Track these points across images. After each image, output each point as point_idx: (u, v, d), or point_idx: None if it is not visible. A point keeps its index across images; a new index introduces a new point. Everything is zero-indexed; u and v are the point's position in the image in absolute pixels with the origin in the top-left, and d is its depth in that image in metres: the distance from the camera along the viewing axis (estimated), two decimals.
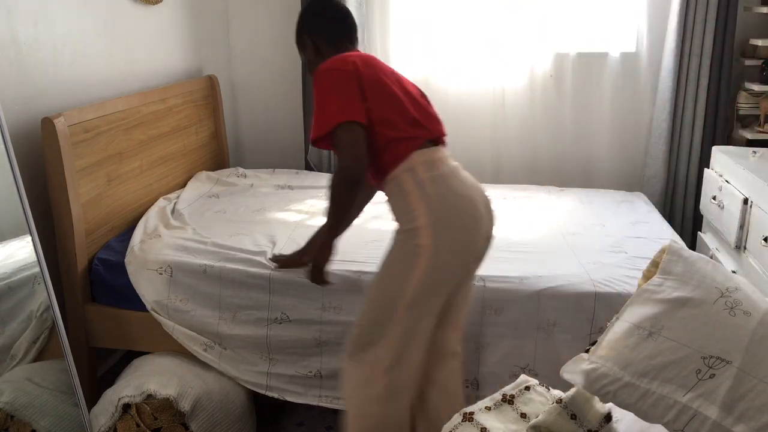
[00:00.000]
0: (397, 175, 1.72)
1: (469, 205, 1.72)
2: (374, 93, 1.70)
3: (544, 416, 1.30)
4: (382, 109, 1.70)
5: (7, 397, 1.88)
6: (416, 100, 1.80)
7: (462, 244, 1.71)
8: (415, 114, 1.74)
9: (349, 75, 1.68)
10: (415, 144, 1.71)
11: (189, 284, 2.17)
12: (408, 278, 1.68)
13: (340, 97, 1.67)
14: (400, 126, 1.72)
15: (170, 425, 1.93)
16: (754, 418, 1.01)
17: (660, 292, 1.22)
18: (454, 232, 1.69)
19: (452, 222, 1.69)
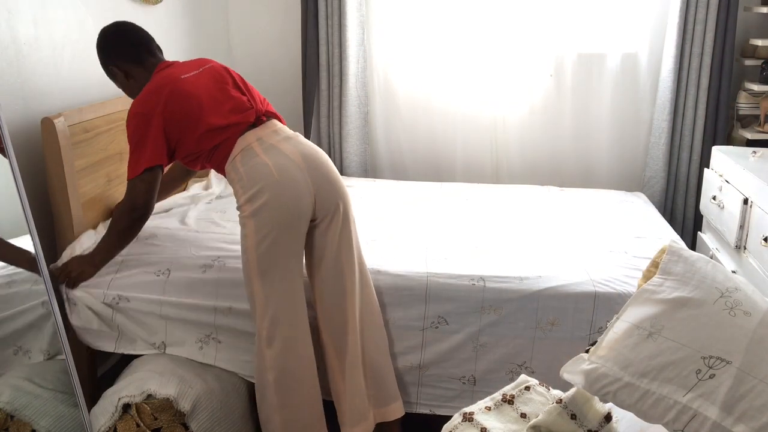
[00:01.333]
0: (228, 165, 1.95)
1: (282, 170, 1.87)
2: (179, 124, 1.92)
3: (544, 416, 1.30)
4: (188, 134, 1.93)
5: (7, 397, 1.88)
6: (227, 94, 1.98)
7: (280, 207, 1.85)
8: (218, 120, 1.92)
9: (151, 118, 1.90)
10: (233, 138, 1.93)
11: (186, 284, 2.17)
12: (247, 249, 1.88)
13: (144, 142, 1.92)
14: (210, 136, 1.93)
15: (170, 425, 1.93)
16: (754, 418, 1.01)
17: (660, 292, 1.22)
18: (270, 198, 1.85)
19: (266, 189, 1.85)
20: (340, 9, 3.25)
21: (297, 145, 1.96)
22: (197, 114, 1.92)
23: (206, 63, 2.08)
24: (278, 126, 2.02)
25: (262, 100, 2.08)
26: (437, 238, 2.42)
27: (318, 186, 1.90)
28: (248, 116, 1.97)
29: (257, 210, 1.85)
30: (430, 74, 3.41)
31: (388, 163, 3.55)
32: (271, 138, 1.95)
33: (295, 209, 1.86)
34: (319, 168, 1.93)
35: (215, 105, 1.94)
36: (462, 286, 2.07)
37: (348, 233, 1.98)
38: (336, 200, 1.93)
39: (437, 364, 2.09)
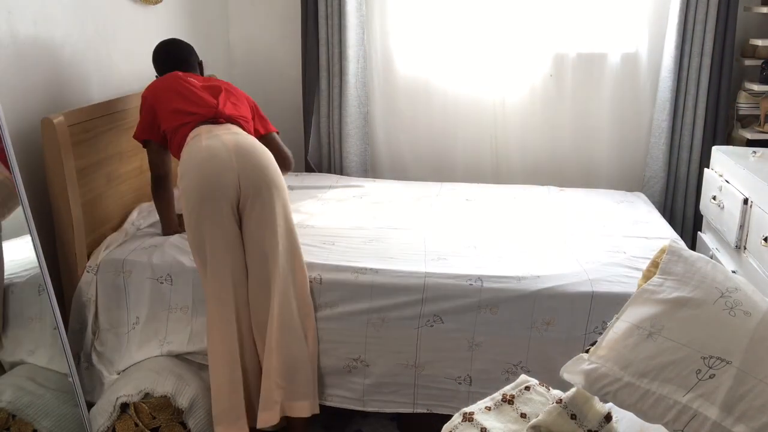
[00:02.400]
0: (183, 150, 2.17)
1: (209, 150, 2.06)
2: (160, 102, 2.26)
3: (544, 416, 1.30)
4: (164, 111, 2.24)
5: (10, 396, 1.88)
6: (199, 93, 2.24)
7: (201, 179, 2.02)
8: (183, 105, 2.21)
9: (144, 100, 2.30)
10: (191, 124, 2.18)
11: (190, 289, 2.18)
12: (186, 226, 2.09)
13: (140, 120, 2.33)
14: (175, 117, 2.22)
15: (168, 424, 1.94)
16: (754, 418, 1.01)
17: (660, 292, 1.22)
18: (194, 173, 2.04)
19: (192, 167, 2.05)
20: (340, 9, 3.25)
21: (237, 136, 2.14)
22: (172, 97, 2.23)
23: (214, 82, 2.38)
24: (233, 128, 2.20)
25: (241, 114, 2.29)
26: (436, 237, 2.42)
27: (242, 167, 2.04)
28: (208, 111, 2.20)
29: (185, 188, 2.04)
30: (430, 74, 3.41)
31: (388, 163, 3.55)
32: (219, 130, 2.14)
33: (215, 182, 2.00)
34: (248, 153, 2.08)
35: (186, 96, 2.22)
36: (459, 286, 2.06)
37: (271, 219, 2.05)
38: (259, 183, 2.05)
39: (433, 363, 2.09)
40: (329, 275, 2.12)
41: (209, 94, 2.27)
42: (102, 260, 2.19)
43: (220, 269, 2.01)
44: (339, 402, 2.15)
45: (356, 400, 2.14)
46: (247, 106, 2.36)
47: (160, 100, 2.24)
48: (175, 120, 2.21)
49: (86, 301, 2.17)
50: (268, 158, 2.13)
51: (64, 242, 2.13)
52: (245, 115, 2.30)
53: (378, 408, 2.14)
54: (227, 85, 2.38)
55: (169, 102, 2.22)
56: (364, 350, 2.11)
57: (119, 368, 2.13)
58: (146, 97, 2.28)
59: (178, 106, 2.21)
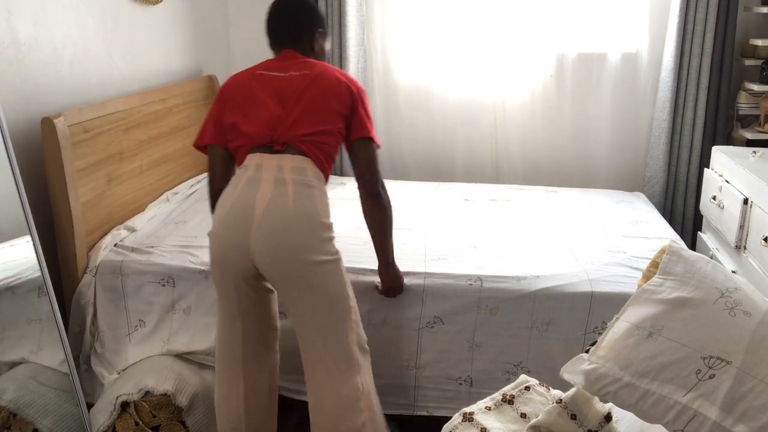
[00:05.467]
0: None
1: (218, 210, 1.80)
2: (224, 111, 1.90)
3: (544, 416, 1.30)
4: (227, 132, 1.89)
5: (11, 395, 1.88)
6: (258, 102, 1.84)
7: (211, 243, 1.80)
8: (241, 123, 1.84)
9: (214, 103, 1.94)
10: (247, 147, 1.83)
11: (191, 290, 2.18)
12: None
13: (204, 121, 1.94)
14: (232, 140, 1.87)
15: (168, 423, 1.94)
16: (754, 418, 1.01)
17: (660, 293, 1.22)
18: (211, 229, 1.81)
19: (214, 219, 1.81)
20: (340, 9, 3.25)
21: (278, 191, 1.73)
22: (237, 103, 1.86)
23: (304, 69, 1.86)
24: (288, 163, 1.77)
25: (312, 130, 1.81)
26: (436, 238, 2.42)
27: (260, 250, 1.71)
28: (263, 133, 1.80)
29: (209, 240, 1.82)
30: (430, 74, 3.41)
31: (388, 163, 3.55)
32: (266, 171, 1.76)
33: (220, 260, 1.78)
34: (272, 234, 1.71)
35: (249, 106, 1.84)
36: (459, 286, 2.06)
37: (303, 313, 1.79)
38: (283, 276, 1.75)
39: (433, 364, 2.09)
40: None
41: (277, 102, 1.82)
42: (101, 262, 2.19)
43: (224, 331, 1.86)
44: None
45: None
46: (334, 110, 1.83)
47: (226, 101, 1.89)
48: (232, 137, 1.86)
49: (85, 303, 2.17)
50: (300, 240, 1.72)
51: (64, 243, 2.13)
52: (319, 130, 1.81)
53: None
54: (318, 78, 1.83)
55: (231, 109, 1.86)
56: None
57: (119, 369, 2.13)
58: (217, 94, 1.94)
59: (236, 120, 1.84)
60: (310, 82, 1.83)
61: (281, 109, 1.81)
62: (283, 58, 1.91)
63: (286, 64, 1.88)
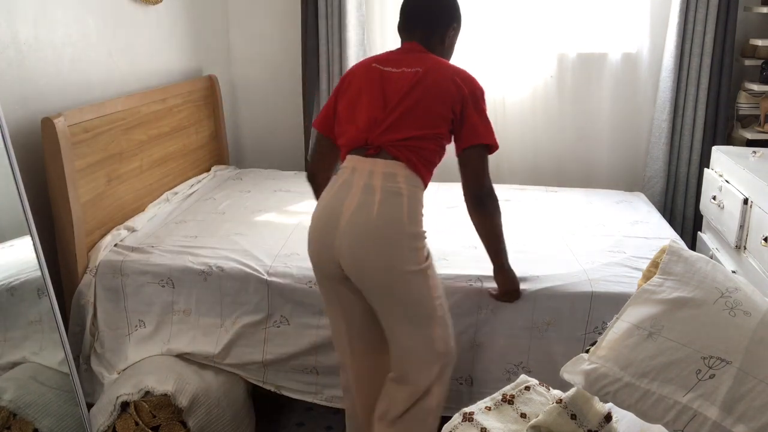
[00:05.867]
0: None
1: (314, 210, 1.82)
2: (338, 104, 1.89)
3: (544, 416, 1.30)
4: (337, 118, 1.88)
5: (11, 395, 1.88)
6: (361, 100, 1.80)
7: (309, 248, 1.82)
8: (344, 120, 1.81)
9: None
10: (342, 153, 1.82)
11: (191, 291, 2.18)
12: None
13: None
14: (339, 130, 1.84)
15: (168, 423, 1.93)
16: (754, 418, 1.01)
17: (660, 293, 1.22)
18: (308, 231, 1.82)
19: (312, 218, 1.82)
20: (340, 9, 3.25)
21: (367, 198, 1.69)
22: (348, 97, 1.82)
23: (417, 65, 1.78)
24: (380, 168, 1.72)
25: (409, 134, 1.74)
26: (436, 238, 2.41)
27: (342, 255, 1.71)
28: (358, 135, 1.76)
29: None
30: None
31: None
32: (359, 176, 1.72)
33: (315, 259, 1.82)
34: (355, 243, 1.69)
35: (355, 102, 1.80)
36: (459, 287, 2.06)
37: (384, 316, 1.79)
38: (364, 282, 1.74)
39: None
40: None
41: (380, 102, 1.75)
42: (101, 262, 2.19)
43: (332, 322, 1.93)
44: (339, 403, 2.14)
45: None
46: (437, 113, 1.75)
47: (341, 90, 1.86)
48: (338, 132, 1.84)
49: (85, 303, 2.17)
50: (382, 250, 1.68)
51: (64, 243, 2.13)
52: (419, 134, 1.73)
53: None
54: (427, 77, 1.75)
55: (343, 101, 1.84)
56: None
57: (119, 369, 2.13)
58: (340, 80, 1.90)
59: (340, 115, 1.83)
60: (418, 81, 1.74)
61: (381, 111, 1.75)
62: (404, 50, 1.85)
63: (403, 57, 1.81)
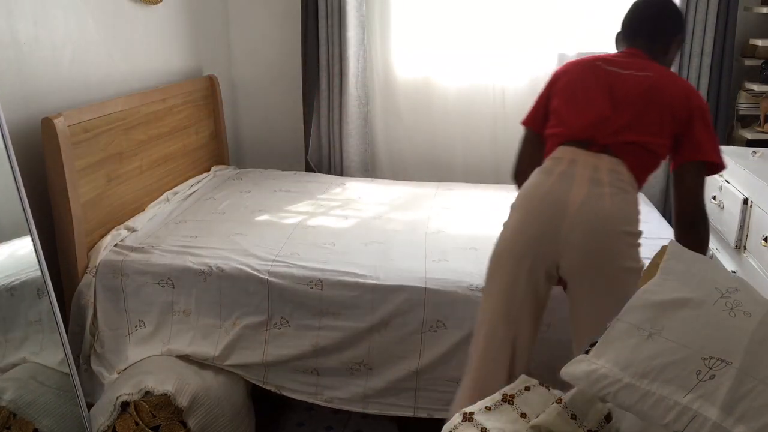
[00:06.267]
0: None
1: (525, 200, 1.76)
2: (553, 97, 1.89)
3: (544, 416, 1.30)
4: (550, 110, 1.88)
5: (11, 395, 1.88)
6: (599, 103, 1.76)
7: (506, 228, 1.80)
8: (565, 112, 1.80)
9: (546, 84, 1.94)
10: (557, 139, 1.80)
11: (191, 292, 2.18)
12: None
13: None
14: (551, 121, 1.85)
15: (168, 423, 1.93)
16: (754, 418, 1.01)
17: (660, 293, 1.22)
18: (507, 219, 1.81)
19: (512, 210, 1.81)
20: (340, 9, 3.25)
21: (595, 191, 1.67)
22: (569, 90, 1.81)
23: (646, 70, 1.77)
24: (606, 164, 1.70)
25: (635, 139, 1.71)
26: (436, 238, 2.42)
27: (572, 244, 1.67)
28: (583, 129, 1.74)
29: (505, 221, 1.82)
30: (430, 74, 3.41)
31: (388, 163, 3.55)
32: (582, 167, 1.70)
33: (522, 247, 1.74)
34: (591, 230, 1.65)
35: (578, 96, 1.79)
36: (460, 289, 2.06)
37: (601, 311, 1.65)
38: (590, 272, 1.69)
39: (435, 367, 2.09)
40: (330, 281, 2.12)
41: (609, 101, 1.74)
42: (101, 262, 2.19)
43: (488, 303, 1.82)
44: (339, 404, 2.14)
45: (357, 402, 2.14)
46: (666, 122, 1.72)
47: (557, 87, 1.85)
48: (550, 125, 1.83)
49: (85, 303, 2.17)
50: (612, 243, 1.66)
51: (64, 243, 2.13)
52: (644, 140, 1.71)
53: (379, 410, 2.14)
54: (657, 84, 1.73)
55: (560, 94, 1.82)
56: (367, 355, 2.10)
57: (119, 369, 2.13)
58: (551, 76, 1.90)
59: (560, 107, 1.81)
60: (649, 86, 1.72)
61: (611, 110, 1.73)
62: (628, 55, 1.83)
63: (629, 61, 1.80)
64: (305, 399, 2.16)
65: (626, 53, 1.85)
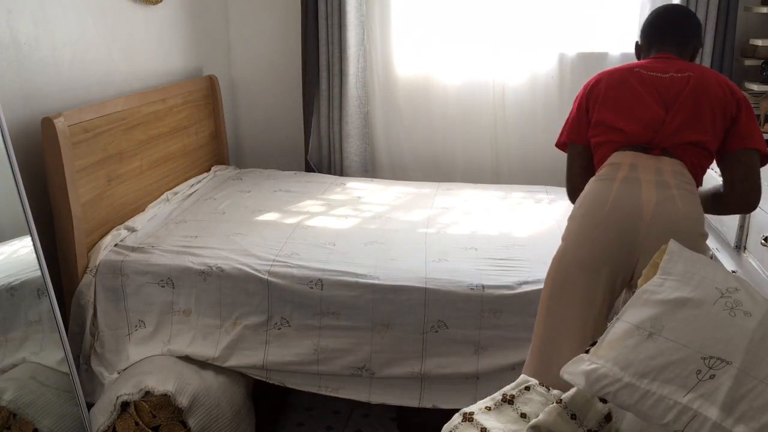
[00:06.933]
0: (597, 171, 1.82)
1: (591, 209, 1.72)
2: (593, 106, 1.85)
3: (544, 416, 1.30)
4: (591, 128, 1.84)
5: (11, 395, 1.88)
6: (650, 104, 1.75)
7: (571, 240, 1.75)
8: (613, 120, 1.78)
9: (579, 97, 1.91)
10: (612, 145, 1.77)
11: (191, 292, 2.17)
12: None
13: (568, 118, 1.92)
14: (598, 131, 1.81)
15: (168, 423, 1.93)
16: (754, 418, 1.01)
17: (660, 293, 1.22)
18: (569, 231, 1.77)
19: (573, 221, 1.77)
20: (340, 9, 3.25)
21: (664, 193, 1.66)
22: (610, 100, 1.79)
23: (686, 70, 1.76)
24: (668, 166, 1.70)
25: (694, 139, 1.71)
26: (437, 238, 2.42)
27: (650, 246, 1.61)
28: (642, 132, 1.73)
29: (565, 233, 1.79)
30: (430, 74, 3.41)
31: (388, 163, 3.55)
32: (644, 171, 1.69)
33: (595, 255, 1.69)
34: (667, 230, 1.61)
35: (625, 103, 1.77)
36: (461, 291, 2.06)
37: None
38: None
39: (438, 368, 2.08)
40: (330, 281, 2.12)
41: (659, 104, 1.73)
42: (101, 262, 2.19)
43: (559, 317, 1.74)
44: (344, 394, 2.13)
45: (362, 393, 2.13)
46: (718, 120, 1.72)
47: (596, 97, 1.82)
48: (597, 133, 1.80)
49: (85, 303, 2.17)
50: (688, 245, 1.52)
51: (64, 243, 2.13)
52: (701, 139, 1.70)
53: (384, 400, 2.12)
54: (702, 82, 1.73)
55: (603, 105, 1.80)
56: (369, 356, 2.10)
57: (119, 369, 2.13)
58: (583, 89, 1.88)
59: (606, 117, 1.78)
60: (695, 86, 1.72)
61: (665, 112, 1.72)
62: (661, 59, 1.83)
63: (665, 64, 1.80)
64: (309, 390, 2.15)
65: (658, 58, 1.84)
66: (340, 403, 2.36)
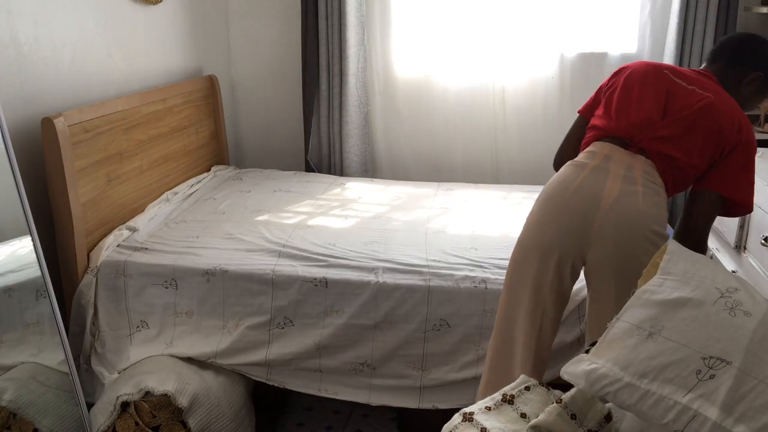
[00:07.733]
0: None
1: (555, 191, 1.75)
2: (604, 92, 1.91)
3: (544, 416, 1.30)
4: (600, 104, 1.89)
5: (11, 395, 1.88)
6: (649, 106, 1.76)
7: (533, 221, 1.79)
8: (610, 109, 1.82)
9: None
10: (594, 136, 1.82)
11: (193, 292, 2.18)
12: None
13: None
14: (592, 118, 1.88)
15: (168, 423, 1.93)
16: (754, 418, 1.01)
17: (660, 293, 1.22)
18: (532, 212, 1.81)
19: (537, 202, 1.80)
20: (340, 9, 3.25)
21: (628, 188, 1.68)
22: (622, 90, 1.81)
23: (708, 90, 1.74)
24: (640, 166, 1.71)
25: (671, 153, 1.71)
26: (437, 238, 2.41)
27: (601, 237, 1.67)
28: (625, 128, 1.75)
29: (530, 209, 1.83)
30: (430, 74, 3.41)
31: (388, 163, 3.55)
32: (617, 165, 1.71)
33: (536, 233, 1.76)
34: (622, 223, 1.66)
35: (628, 96, 1.79)
36: (463, 290, 2.06)
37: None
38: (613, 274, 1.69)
39: (438, 366, 2.09)
40: (332, 280, 2.12)
41: (659, 108, 1.74)
42: (102, 262, 2.19)
43: (512, 299, 1.80)
44: (343, 395, 2.14)
45: (362, 394, 2.13)
46: (709, 148, 1.70)
47: (618, 80, 1.85)
48: (596, 112, 1.86)
49: (85, 303, 2.17)
50: (640, 242, 1.65)
51: (64, 243, 2.13)
52: (679, 157, 1.71)
53: (384, 402, 2.13)
54: (713, 107, 1.70)
55: (612, 92, 1.83)
56: (370, 355, 2.10)
57: (120, 369, 2.13)
58: (615, 72, 1.91)
59: (611, 100, 1.82)
60: (704, 106, 1.71)
61: (659, 116, 1.73)
62: (698, 73, 1.82)
63: (696, 78, 1.79)
64: (309, 392, 2.15)
65: (698, 71, 1.84)
66: (340, 403, 2.36)
